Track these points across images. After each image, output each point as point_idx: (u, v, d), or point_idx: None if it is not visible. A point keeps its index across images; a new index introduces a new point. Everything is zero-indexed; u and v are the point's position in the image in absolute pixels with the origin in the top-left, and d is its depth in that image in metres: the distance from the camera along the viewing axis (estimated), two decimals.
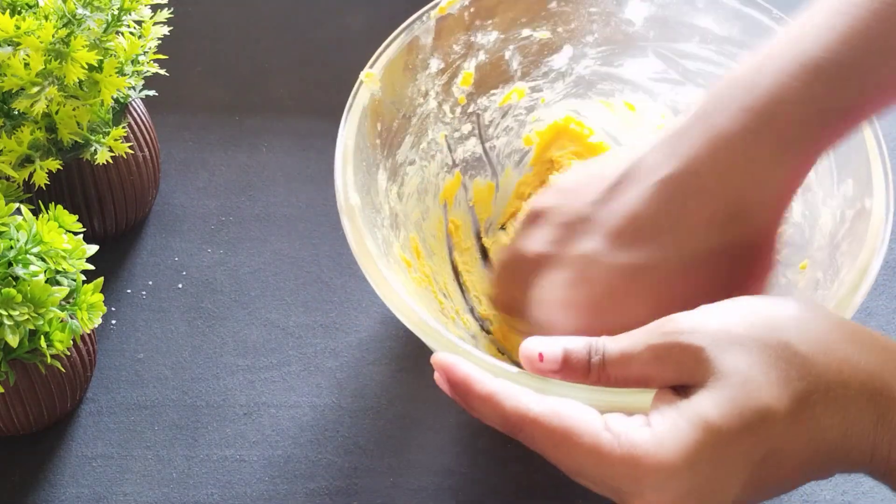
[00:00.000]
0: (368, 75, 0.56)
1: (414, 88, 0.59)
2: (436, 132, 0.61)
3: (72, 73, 0.54)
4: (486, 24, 0.60)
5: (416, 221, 0.60)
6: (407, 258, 0.57)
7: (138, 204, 0.66)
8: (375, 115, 0.56)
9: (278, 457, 0.57)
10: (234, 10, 0.82)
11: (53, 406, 0.56)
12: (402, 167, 0.59)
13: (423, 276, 0.58)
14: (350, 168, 0.53)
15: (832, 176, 0.53)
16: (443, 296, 0.59)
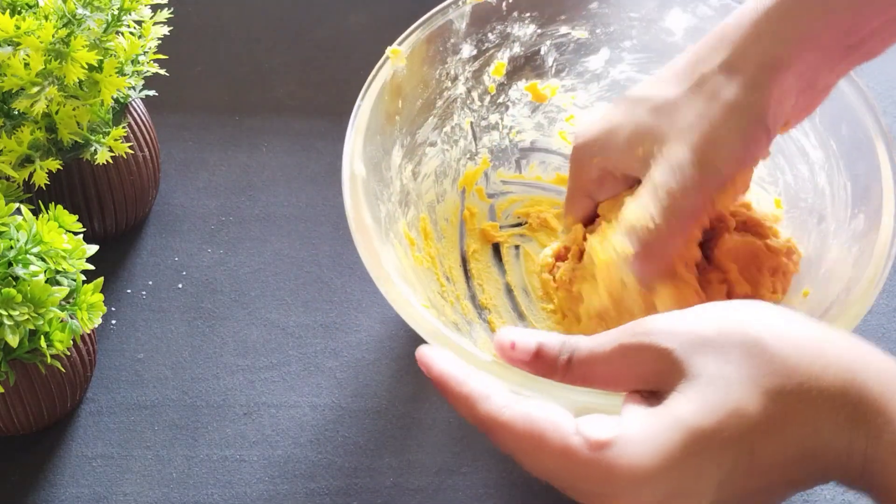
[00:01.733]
0: (394, 52, 0.56)
1: (443, 71, 0.59)
2: (462, 118, 0.62)
3: (72, 73, 0.54)
4: (524, 16, 0.60)
5: (429, 202, 0.60)
6: (412, 236, 0.57)
7: (138, 204, 0.66)
8: (397, 92, 0.56)
9: (278, 457, 0.57)
10: (234, 10, 0.82)
11: (53, 406, 0.56)
12: (422, 147, 0.59)
13: (428, 257, 0.58)
14: (360, 139, 0.53)
15: (847, 208, 0.53)
16: (445, 279, 0.59)
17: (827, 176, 0.55)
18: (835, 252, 0.53)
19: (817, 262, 0.54)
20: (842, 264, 0.51)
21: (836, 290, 0.50)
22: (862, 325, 0.62)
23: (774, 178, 0.59)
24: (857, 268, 0.49)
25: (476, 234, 0.64)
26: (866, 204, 0.52)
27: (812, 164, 0.56)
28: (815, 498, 0.55)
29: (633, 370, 0.37)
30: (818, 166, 0.56)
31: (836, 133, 0.55)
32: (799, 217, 0.57)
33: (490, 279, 0.62)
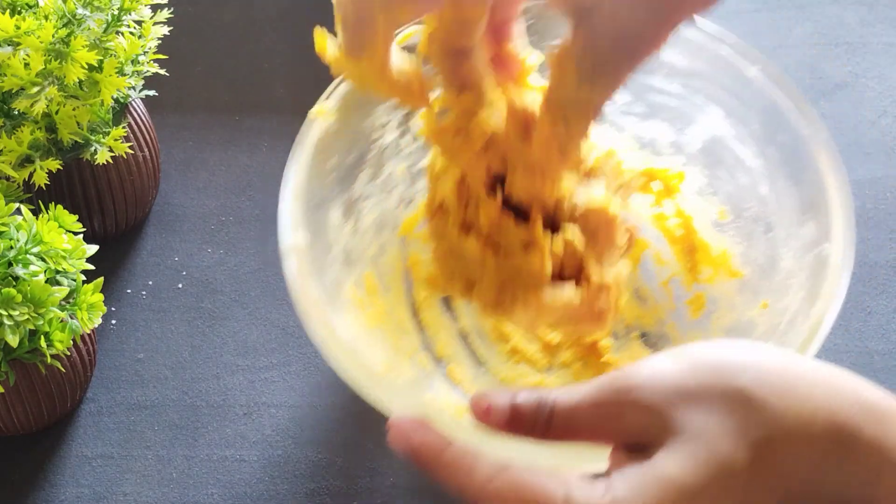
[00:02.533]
0: (320, 111, 0.54)
1: (371, 121, 0.57)
2: (394, 165, 0.59)
3: (72, 73, 0.54)
4: None
5: (372, 257, 0.58)
6: (360, 297, 0.55)
7: (138, 204, 0.66)
8: (329, 150, 0.54)
9: (278, 457, 0.57)
10: (234, 10, 0.82)
11: (53, 406, 0.56)
12: (359, 202, 0.57)
13: (378, 315, 0.56)
14: (299, 205, 0.51)
15: (793, 215, 0.53)
16: (398, 334, 0.57)
17: (769, 184, 0.55)
18: (788, 261, 0.52)
19: (771, 271, 0.53)
20: (798, 274, 0.51)
21: (796, 300, 0.50)
22: (862, 326, 0.62)
23: (716, 188, 0.58)
24: (815, 278, 0.49)
25: (423, 282, 0.61)
26: (815, 211, 0.51)
27: (752, 172, 0.56)
28: None
29: (616, 425, 0.36)
30: (759, 174, 0.55)
31: (773, 141, 0.54)
32: (745, 227, 0.56)
33: (443, 327, 0.60)
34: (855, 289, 0.64)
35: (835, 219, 0.50)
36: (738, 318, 0.55)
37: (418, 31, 0.54)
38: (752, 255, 0.55)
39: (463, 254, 0.50)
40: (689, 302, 0.58)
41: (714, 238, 0.58)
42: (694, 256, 0.59)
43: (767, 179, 0.55)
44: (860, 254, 0.66)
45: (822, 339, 0.46)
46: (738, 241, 0.57)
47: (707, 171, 0.58)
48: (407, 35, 0.56)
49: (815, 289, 0.48)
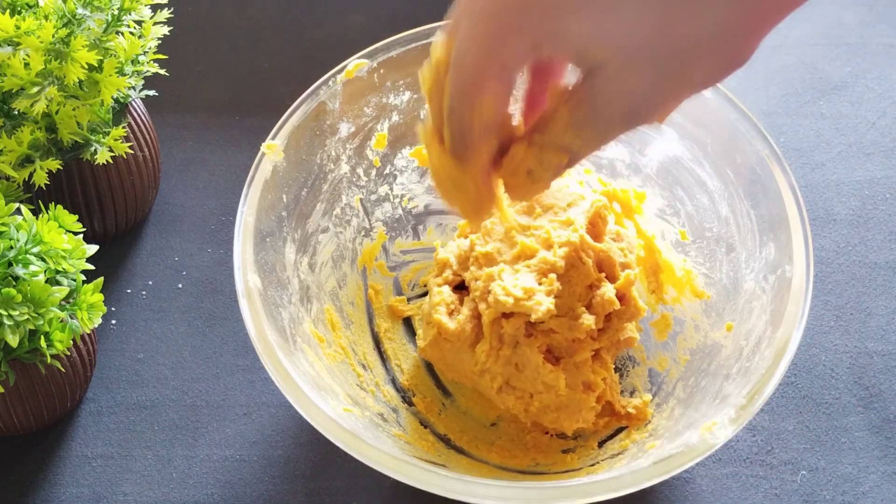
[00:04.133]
0: (270, 146, 0.54)
1: (323, 154, 0.57)
2: (350, 196, 0.59)
3: (72, 73, 0.54)
4: (397, 84, 0.58)
5: (331, 291, 0.58)
6: (320, 334, 0.55)
7: (138, 204, 0.66)
8: (280, 187, 0.54)
9: (278, 457, 0.57)
10: (234, 10, 0.82)
11: (53, 406, 0.56)
12: (314, 236, 0.57)
13: (340, 349, 0.56)
14: (250, 247, 0.51)
15: (754, 237, 0.53)
16: (362, 367, 0.57)
17: (728, 205, 0.55)
18: (750, 283, 0.52)
19: (735, 293, 0.53)
20: (761, 297, 0.51)
21: (761, 323, 0.50)
22: (861, 327, 0.62)
23: (675, 209, 0.58)
24: (778, 301, 0.49)
25: (384, 312, 0.61)
26: (774, 232, 0.51)
27: (711, 193, 0.56)
28: (815, 498, 0.55)
29: None
30: (718, 195, 0.55)
31: (731, 162, 0.54)
32: (707, 247, 0.56)
33: (407, 357, 0.60)
34: (855, 289, 0.64)
35: (795, 240, 0.50)
36: (704, 339, 0.55)
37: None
38: (715, 276, 0.55)
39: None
40: (654, 323, 0.58)
41: (677, 259, 0.58)
42: (658, 277, 0.58)
43: (726, 200, 0.54)
44: (860, 254, 0.66)
45: (787, 363, 0.46)
46: (701, 262, 0.56)
47: (666, 193, 0.58)
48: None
49: (778, 312, 0.48)
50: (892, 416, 0.58)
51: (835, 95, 0.76)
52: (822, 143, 0.73)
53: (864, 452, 0.57)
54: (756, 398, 0.45)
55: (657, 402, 0.55)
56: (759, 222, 0.52)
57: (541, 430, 0.56)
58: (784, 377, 0.60)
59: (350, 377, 0.55)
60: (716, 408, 0.47)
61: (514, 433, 0.57)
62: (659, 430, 0.52)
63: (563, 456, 0.55)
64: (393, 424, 0.54)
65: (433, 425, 0.57)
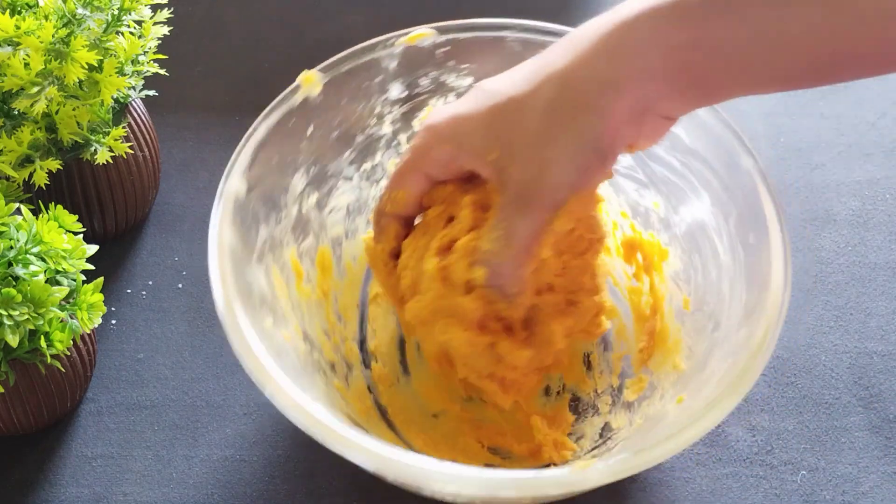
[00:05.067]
0: (308, 77, 0.54)
1: (366, 107, 0.57)
2: (385, 158, 0.59)
3: (72, 73, 0.54)
4: (461, 67, 0.57)
5: (335, 237, 0.58)
6: (301, 267, 0.54)
7: (138, 204, 0.66)
8: (307, 118, 0.54)
9: (278, 457, 0.57)
10: (234, 10, 0.82)
11: (53, 406, 0.56)
12: (333, 178, 0.57)
13: (321, 291, 0.56)
14: (247, 156, 0.51)
15: (737, 322, 0.50)
16: (337, 317, 0.57)
17: (729, 284, 0.52)
18: (715, 362, 0.50)
19: (701, 370, 0.51)
20: (713, 377, 0.48)
21: (699, 400, 0.47)
22: (861, 327, 0.62)
23: (688, 276, 0.56)
24: (718, 386, 0.46)
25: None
26: (749, 319, 0.48)
27: (720, 268, 0.53)
28: (815, 498, 0.55)
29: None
30: (725, 271, 0.53)
31: (745, 241, 0.52)
32: (700, 321, 0.54)
33: (386, 327, 0.60)
34: (855, 289, 0.64)
35: (759, 328, 0.47)
36: (660, 408, 0.52)
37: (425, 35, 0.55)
38: (696, 350, 0.53)
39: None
40: (631, 382, 0.56)
41: (674, 327, 0.56)
42: (653, 339, 0.57)
43: (729, 279, 0.52)
44: (860, 254, 0.66)
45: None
46: (690, 335, 0.54)
47: (685, 258, 0.56)
48: (419, 34, 0.56)
49: (708, 399, 0.45)
50: (892, 416, 0.58)
51: (835, 95, 0.76)
52: (822, 143, 0.73)
53: (864, 452, 0.57)
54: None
55: (593, 454, 0.54)
56: (745, 307, 0.50)
57: (475, 438, 0.56)
58: (784, 377, 0.60)
59: (319, 320, 0.55)
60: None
61: (450, 430, 0.56)
62: None
63: None
64: (339, 377, 0.54)
65: (378, 393, 0.57)
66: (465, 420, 0.57)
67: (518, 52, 0.56)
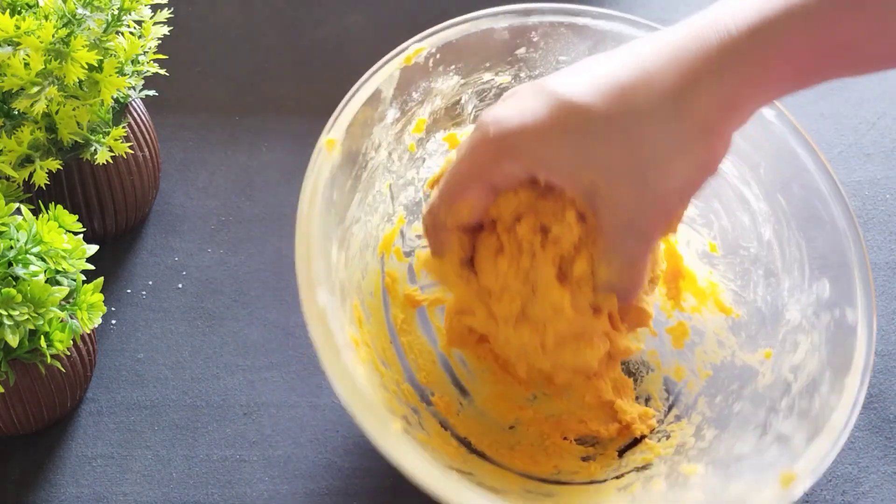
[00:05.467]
0: (329, 142, 0.50)
1: (369, 143, 0.54)
2: (382, 183, 0.57)
3: (72, 73, 0.54)
4: (448, 69, 0.56)
5: (357, 284, 0.54)
6: (354, 336, 0.49)
7: (138, 204, 0.66)
8: (332, 186, 0.50)
9: (278, 457, 0.57)
10: (234, 10, 0.82)
11: (53, 406, 0.56)
12: (350, 228, 0.53)
13: (366, 346, 0.51)
14: (316, 256, 0.46)
15: (803, 269, 0.52)
16: (383, 364, 0.53)
17: (774, 230, 0.53)
18: (795, 314, 0.51)
19: (773, 319, 0.52)
20: (810, 332, 0.49)
21: (813, 363, 0.48)
22: None
23: (708, 220, 0.57)
24: (836, 344, 0.47)
25: (400, 302, 0.58)
26: (831, 270, 0.49)
27: (755, 214, 0.54)
28: (815, 498, 0.55)
29: None
30: (762, 218, 0.54)
31: (786, 190, 0.53)
32: (740, 265, 0.55)
33: (423, 351, 0.58)
34: None
35: (859, 287, 0.48)
36: (731, 358, 0.53)
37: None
38: (748, 296, 0.54)
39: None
40: (669, 330, 0.57)
41: (701, 269, 0.56)
42: (677, 283, 0.57)
43: (772, 225, 0.53)
44: None
45: (857, 412, 0.45)
46: (731, 279, 0.55)
47: (700, 203, 0.56)
48: (417, 50, 0.55)
49: (838, 356, 0.47)
50: (892, 416, 0.58)
51: (835, 95, 0.76)
52: (822, 144, 0.73)
53: (864, 452, 0.57)
54: (831, 449, 0.44)
55: (676, 414, 0.54)
56: (812, 256, 0.51)
57: (559, 435, 0.56)
58: None
59: (374, 377, 0.51)
60: (769, 445, 0.46)
61: (534, 437, 0.56)
62: (689, 449, 0.51)
63: (584, 464, 0.54)
64: (416, 427, 0.51)
65: (453, 427, 0.54)
66: (541, 422, 0.56)
67: (506, 41, 0.56)
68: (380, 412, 0.44)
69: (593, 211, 0.46)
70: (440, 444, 0.52)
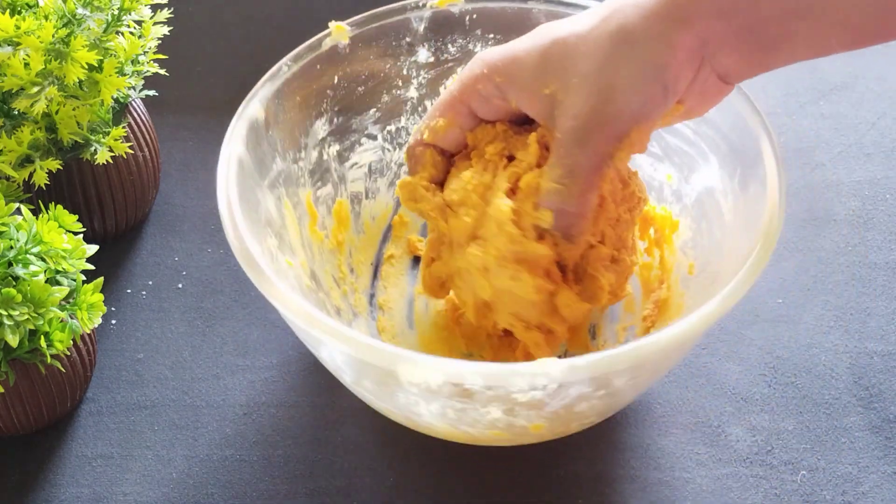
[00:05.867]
0: (339, 27, 0.55)
1: (394, 67, 0.57)
2: (410, 122, 0.60)
3: (72, 73, 0.54)
4: (487, 37, 0.58)
5: (355, 193, 0.59)
6: (317, 211, 0.55)
7: (138, 204, 0.66)
8: (337, 65, 0.55)
9: (278, 457, 0.57)
10: (234, 10, 0.82)
11: (53, 406, 0.56)
12: (357, 134, 0.58)
13: (335, 241, 0.57)
14: (271, 87, 0.52)
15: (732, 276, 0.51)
16: (349, 269, 0.58)
17: (731, 241, 0.53)
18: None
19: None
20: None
21: None
22: (861, 327, 0.62)
23: (696, 243, 0.57)
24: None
25: (401, 242, 0.62)
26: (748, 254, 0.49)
27: (725, 228, 0.54)
28: (815, 498, 0.55)
29: None
30: (729, 230, 0.54)
31: (746, 193, 0.52)
32: (703, 282, 0.54)
33: (397, 286, 0.61)
34: (855, 289, 0.64)
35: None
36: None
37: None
38: (693, 308, 0.53)
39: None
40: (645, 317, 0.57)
41: (677, 293, 0.56)
42: (657, 308, 0.57)
43: (731, 236, 0.53)
44: (860, 254, 0.66)
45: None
46: (692, 297, 0.55)
47: (694, 225, 0.57)
48: None
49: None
50: (892, 416, 0.58)
51: (835, 95, 0.76)
52: (822, 143, 0.73)
53: (864, 452, 0.57)
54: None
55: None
56: (745, 250, 0.50)
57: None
58: (784, 377, 0.60)
59: (329, 266, 0.56)
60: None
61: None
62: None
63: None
64: (344, 323, 0.54)
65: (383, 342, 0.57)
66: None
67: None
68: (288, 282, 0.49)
69: (551, 127, 0.47)
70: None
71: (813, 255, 0.66)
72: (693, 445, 0.56)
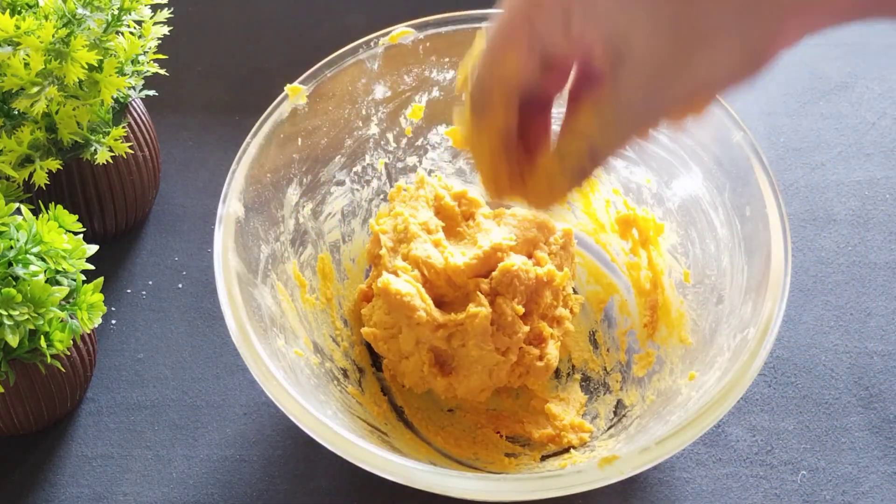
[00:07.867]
0: (293, 89, 0.55)
1: (353, 111, 0.58)
2: (375, 158, 0.60)
3: (72, 73, 0.54)
4: (442, 61, 0.58)
5: (333, 242, 0.59)
6: (303, 279, 0.56)
7: (138, 204, 0.66)
8: (296, 129, 0.55)
9: (278, 457, 0.57)
10: (234, 10, 0.82)
11: (53, 406, 0.56)
12: (326, 185, 0.58)
13: (324, 299, 0.57)
14: (242, 176, 0.52)
15: (741, 295, 0.51)
16: (343, 322, 0.58)
17: (729, 257, 0.53)
18: (722, 338, 0.51)
19: (709, 344, 0.52)
20: (724, 353, 0.49)
21: (712, 380, 0.48)
22: (861, 327, 0.62)
23: (686, 249, 0.57)
24: (734, 361, 0.47)
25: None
26: (755, 293, 0.49)
27: (719, 241, 0.54)
28: (815, 498, 0.55)
29: None
30: (724, 245, 0.54)
31: (741, 213, 0.52)
32: (703, 294, 0.55)
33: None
34: (855, 289, 0.64)
35: (767, 304, 0.47)
36: (671, 384, 0.53)
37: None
38: (701, 324, 0.54)
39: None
40: (639, 357, 0.57)
41: (675, 299, 0.57)
42: (655, 313, 0.58)
43: (729, 251, 0.53)
44: (860, 254, 0.66)
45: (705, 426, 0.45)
46: (694, 308, 0.55)
47: (681, 231, 0.57)
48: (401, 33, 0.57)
49: (730, 371, 0.46)
50: (892, 416, 0.58)
51: (835, 95, 0.76)
52: (822, 143, 0.73)
53: (864, 452, 0.57)
54: (665, 444, 0.44)
55: (611, 434, 0.55)
56: (748, 279, 0.50)
57: (493, 428, 0.57)
58: (784, 377, 0.60)
59: (326, 327, 0.56)
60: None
61: (468, 424, 0.57)
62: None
63: (504, 459, 0.55)
64: (353, 383, 0.55)
65: (392, 394, 0.58)
66: (481, 412, 0.57)
67: None
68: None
69: (610, 71, 0.38)
70: (368, 402, 0.55)
71: (813, 255, 0.66)
72: (693, 445, 0.56)
